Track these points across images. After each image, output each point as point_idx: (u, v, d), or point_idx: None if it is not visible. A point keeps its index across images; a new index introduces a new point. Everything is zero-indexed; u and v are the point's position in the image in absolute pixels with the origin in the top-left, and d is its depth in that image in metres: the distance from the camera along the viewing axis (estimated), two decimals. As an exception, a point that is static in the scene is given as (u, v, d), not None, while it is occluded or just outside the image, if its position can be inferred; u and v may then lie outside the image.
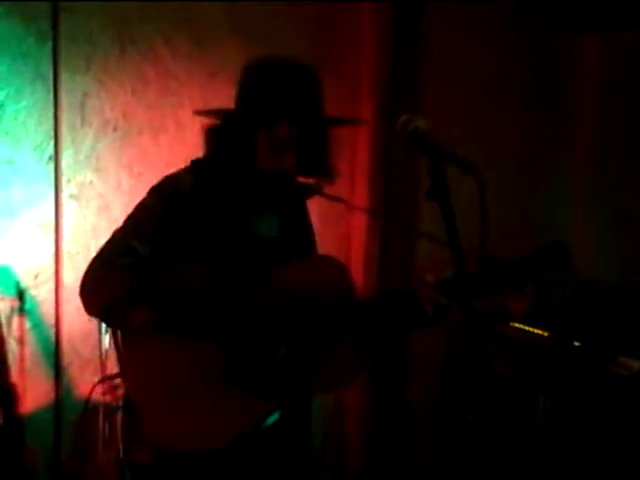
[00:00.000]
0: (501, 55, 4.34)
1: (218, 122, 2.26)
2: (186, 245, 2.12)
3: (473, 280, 2.04)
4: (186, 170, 2.29)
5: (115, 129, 3.50)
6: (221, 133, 2.24)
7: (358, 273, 3.98)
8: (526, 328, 3.76)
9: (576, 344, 3.57)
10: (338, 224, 2.40)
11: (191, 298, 2.02)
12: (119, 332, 2.08)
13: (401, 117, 1.83)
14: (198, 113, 2.34)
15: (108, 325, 2.26)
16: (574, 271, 2.04)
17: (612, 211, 4.41)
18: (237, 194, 2.23)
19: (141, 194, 3.52)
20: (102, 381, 3.34)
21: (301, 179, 2.31)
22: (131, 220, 2.18)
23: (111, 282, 2.03)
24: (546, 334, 3.68)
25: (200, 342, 2.05)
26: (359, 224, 4.02)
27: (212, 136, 2.27)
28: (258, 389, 2.09)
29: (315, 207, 2.58)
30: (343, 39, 4.01)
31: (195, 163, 2.30)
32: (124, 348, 2.08)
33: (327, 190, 2.36)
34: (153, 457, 2.16)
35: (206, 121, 2.31)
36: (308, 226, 2.48)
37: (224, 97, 3.66)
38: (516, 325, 3.80)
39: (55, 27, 3.32)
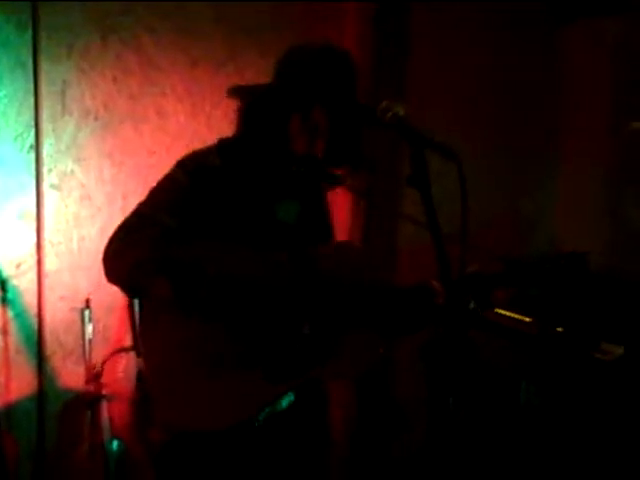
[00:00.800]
0: (486, 50, 4.34)
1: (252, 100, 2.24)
2: (208, 220, 2.09)
3: (496, 280, 2.12)
4: (212, 147, 2.24)
5: (96, 118, 3.49)
6: (256, 110, 2.22)
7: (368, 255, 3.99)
8: (509, 314, 3.78)
9: (559, 330, 3.59)
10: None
11: (214, 273, 2.00)
12: (137, 306, 2.08)
13: (381, 103, 1.84)
14: (233, 92, 2.32)
15: (128, 293, 2.25)
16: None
17: (598, 201, 4.43)
18: (262, 176, 2.21)
19: (123, 183, 3.55)
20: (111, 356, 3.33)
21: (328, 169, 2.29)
22: (155, 192, 2.14)
23: (136, 249, 2.01)
24: (528, 320, 3.70)
25: (217, 321, 2.04)
26: (343, 206, 4.02)
27: (247, 113, 2.25)
28: (276, 369, 2.08)
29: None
30: (328, 27, 4.01)
31: (222, 141, 2.26)
32: (140, 323, 2.08)
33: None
34: (168, 436, 2.16)
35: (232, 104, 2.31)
36: (327, 216, 2.48)
37: (207, 86, 3.71)
38: (499, 311, 3.81)
39: (35, 16, 3.31)
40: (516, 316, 3.75)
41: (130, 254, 2.00)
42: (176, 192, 2.10)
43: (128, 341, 3.55)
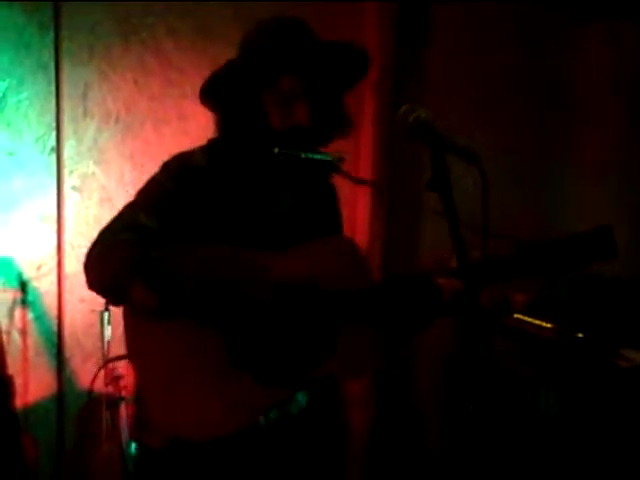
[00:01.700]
0: (505, 50, 4.32)
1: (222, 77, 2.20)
2: (195, 221, 2.06)
3: (505, 265, 2.00)
4: (200, 147, 2.21)
5: (117, 120, 3.50)
6: (225, 97, 2.17)
7: (362, 251, 3.98)
8: (529, 319, 3.76)
9: (579, 336, 3.56)
10: (343, 202, 2.35)
11: (193, 278, 1.93)
12: (124, 313, 2.02)
13: (402, 107, 1.81)
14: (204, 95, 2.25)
15: (109, 301, 2.21)
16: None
17: (618, 206, 4.40)
18: (248, 169, 2.17)
19: (144, 186, 3.55)
20: (105, 364, 3.33)
21: (320, 154, 2.18)
22: (140, 194, 2.12)
23: (113, 255, 1.96)
24: (549, 325, 3.67)
25: (204, 326, 1.98)
26: (364, 201, 4.01)
27: (217, 104, 2.21)
28: (266, 374, 2.03)
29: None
30: (347, 30, 4.00)
31: (210, 141, 2.22)
32: (127, 330, 2.02)
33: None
34: (165, 442, 2.10)
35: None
36: (330, 207, 2.38)
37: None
38: (518, 316, 3.79)
39: (57, 17, 3.32)
40: (536, 322, 3.72)
41: (108, 260, 1.97)
42: (160, 194, 2.08)
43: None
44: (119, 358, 3.30)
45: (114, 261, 1.95)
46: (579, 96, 4.55)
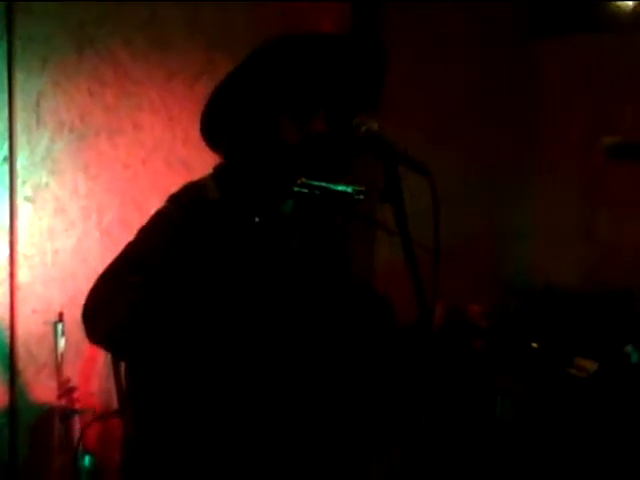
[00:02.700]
0: (462, 64, 4.36)
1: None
2: (207, 258, 1.81)
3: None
4: (208, 178, 1.97)
5: (71, 131, 3.47)
6: (240, 112, 1.94)
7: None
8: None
9: (534, 345, 3.60)
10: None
11: (200, 327, 1.75)
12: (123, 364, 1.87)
13: (354, 120, 1.82)
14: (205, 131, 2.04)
15: (114, 354, 2.02)
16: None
17: (573, 220, 4.45)
18: (265, 203, 1.93)
19: (98, 196, 3.53)
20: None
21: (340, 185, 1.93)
22: (144, 232, 1.88)
23: (117, 303, 1.73)
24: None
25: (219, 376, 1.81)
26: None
27: (227, 120, 1.98)
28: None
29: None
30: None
31: (217, 170, 1.98)
32: (127, 382, 1.85)
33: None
34: None
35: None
36: (343, 248, 2.17)
37: (183, 99, 3.70)
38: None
39: (10, 27, 3.29)
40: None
41: (112, 309, 1.74)
42: (168, 231, 1.84)
43: (101, 356, 3.53)
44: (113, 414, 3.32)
45: (119, 310, 1.73)
46: (537, 111, 4.61)
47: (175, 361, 1.76)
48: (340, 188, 1.90)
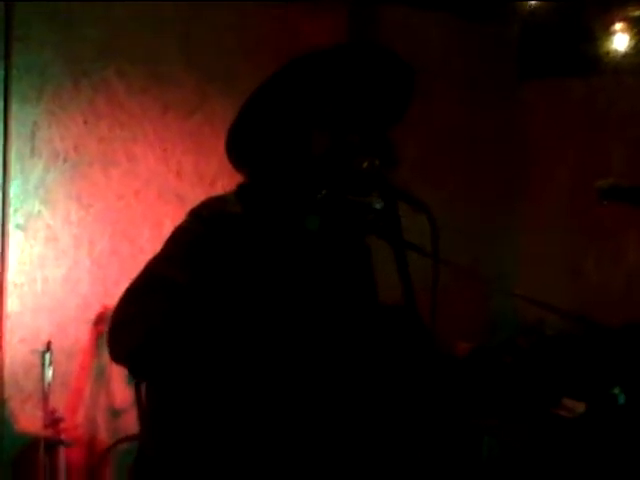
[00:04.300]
0: (455, 102, 4.40)
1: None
2: (231, 273, 1.78)
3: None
4: (231, 193, 1.93)
5: (65, 160, 3.48)
6: (270, 130, 1.90)
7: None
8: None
9: (522, 386, 3.60)
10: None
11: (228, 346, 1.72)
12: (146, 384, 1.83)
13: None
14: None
15: (135, 374, 1.97)
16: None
17: (560, 257, 4.47)
18: (290, 218, 1.89)
19: (90, 226, 3.53)
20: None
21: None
22: (167, 246, 1.84)
23: (137, 324, 1.71)
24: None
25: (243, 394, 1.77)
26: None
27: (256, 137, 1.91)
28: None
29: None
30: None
31: (241, 186, 1.95)
32: (148, 403, 1.82)
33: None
34: None
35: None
36: (363, 267, 2.10)
37: (177, 132, 3.72)
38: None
39: (7, 57, 3.31)
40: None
41: (136, 327, 1.71)
42: (191, 244, 1.81)
43: (88, 387, 3.51)
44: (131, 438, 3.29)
45: (143, 328, 1.70)
46: (527, 151, 4.65)
47: (196, 382, 1.73)
48: (365, 201, 1.81)
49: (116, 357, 1.77)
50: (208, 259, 1.77)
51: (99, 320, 3.51)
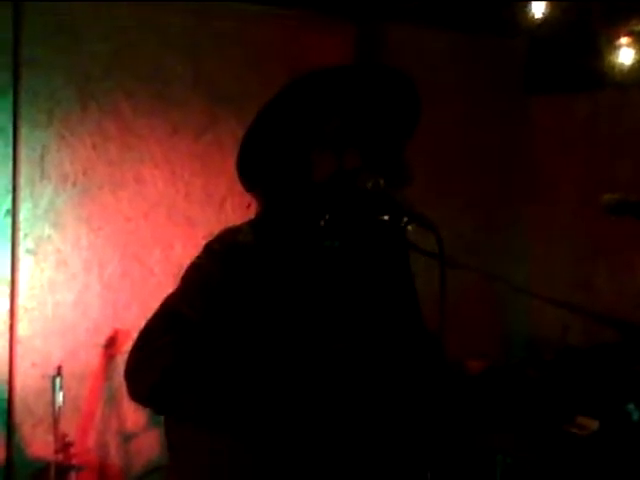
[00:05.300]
0: (461, 118, 4.40)
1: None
2: (245, 308, 1.78)
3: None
4: (244, 224, 1.93)
5: (75, 184, 3.49)
6: (271, 157, 1.90)
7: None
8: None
9: (534, 402, 3.58)
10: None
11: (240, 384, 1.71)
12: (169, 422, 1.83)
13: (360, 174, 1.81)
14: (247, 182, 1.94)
15: (158, 412, 1.95)
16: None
17: (570, 274, 4.46)
18: (305, 246, 1.88)
19: (100, 249, 3.53)
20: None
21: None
22: (183, 285, 1.85)
23: (154, 362, 1.72)
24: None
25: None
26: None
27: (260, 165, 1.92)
28: None
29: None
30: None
31: (256, 218, 1.94)
32: (172, 442, 1.81)
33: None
34: None
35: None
36: (405, 289, 2.02)
37: (185, 154, 3.72)
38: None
39: (16, 80, 3.32)
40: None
41: (149, 368, 1.73)
42: (202, 283, 1.81)
43: (99, 411, 3.50)
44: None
45: (156, 369, 1.72)
46: (534, 166, 4.64)
47: (215, 417, 1.73)
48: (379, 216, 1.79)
49: (135, 396, 1.78)
50: (220, 295, 1.78)
51: (110, 343, 3.51)
